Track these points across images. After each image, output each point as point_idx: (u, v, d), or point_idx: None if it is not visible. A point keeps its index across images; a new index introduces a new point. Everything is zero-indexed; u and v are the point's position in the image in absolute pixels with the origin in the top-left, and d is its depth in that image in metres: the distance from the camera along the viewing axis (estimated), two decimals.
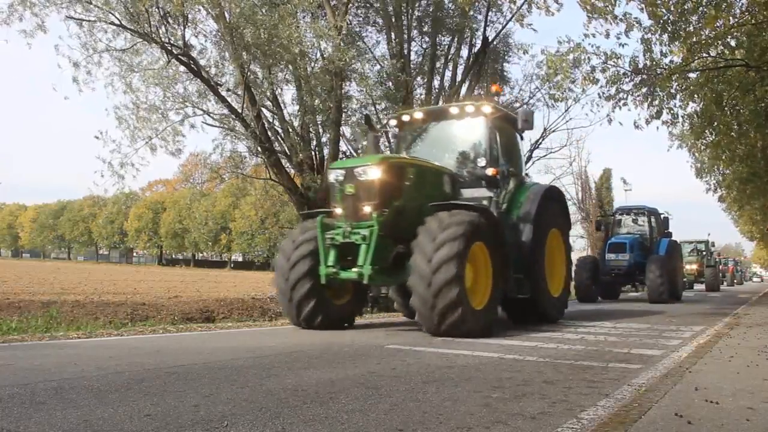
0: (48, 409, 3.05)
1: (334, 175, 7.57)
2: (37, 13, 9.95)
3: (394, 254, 7.18)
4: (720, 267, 45.14)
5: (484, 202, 8.10)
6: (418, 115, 8.98)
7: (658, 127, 12.64)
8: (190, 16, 10.93)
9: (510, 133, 9.10)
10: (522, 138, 9.83)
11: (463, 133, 8.82)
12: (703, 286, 30.43)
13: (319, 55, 11.70)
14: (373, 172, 7.18)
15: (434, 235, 6.61)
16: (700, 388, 3.78)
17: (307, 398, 3.46)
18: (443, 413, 3.18)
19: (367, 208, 7.11)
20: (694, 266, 30.73)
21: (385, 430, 2.84)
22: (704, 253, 32.27)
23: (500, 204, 8.41)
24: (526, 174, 9.99)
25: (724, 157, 18.15)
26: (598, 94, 12.59)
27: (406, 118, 9.02)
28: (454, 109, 8.65)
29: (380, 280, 7.34)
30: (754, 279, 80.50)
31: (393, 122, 9.26)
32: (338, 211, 7.44)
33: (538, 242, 8.66)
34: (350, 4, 12.30)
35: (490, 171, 8.12)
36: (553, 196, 9.43)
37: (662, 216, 19.29)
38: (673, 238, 19.13)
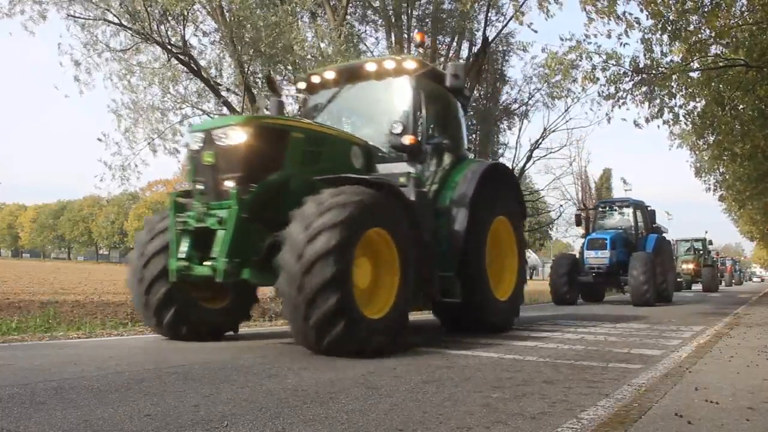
0: (48, 409, 3.05)
1: (191, 141, 5.86)
2: (40, 2, 9.99)
3: (268, 245, 5.35)
4: (719, 266, 45.00)
5: (401, 180, 6.39)
6: (330, 75, 7.32)
7: (659, 126, 12.66)
8: (189, 15, 10.93)
9: (443, 97, 7.51)
10: (466, 108, 8.26)
11: (383, 95, 7.21)
12: (701, 287, 29.62)
13: (318, 53, 11.69)
14: (237, 136, 5.56)
15: (309, 221, 4.94)
16: (700, 388, 3.78)
17: (307, 398, 3.46)
18: (443, 413, 3.18)
19: (229, 183, 5.50)
20: (691, 266, 29.95)
21: (385, 430, 2.84)
22: (701, 251, 31.34)
23: (423, 182, 6.72)
24: (470, 149, 8.41)
25: (724, 157, 18.16)
26: (598, 92, 12.62)
27: (316, 79, 7.42)
28: (371, 66, 7.03)
29: (249, 279, 5.51)
30: (754, 279, 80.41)
31: (302, 85, 7.63)
32: (198, 187, 5.75)
33: (475, 232, 6.95)
34: (350, 4, 12.30)
35: (407, 139, 6.42)
36: (498, 176, 7.67)
37: (649, 209, 17.76)
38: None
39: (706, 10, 10.37)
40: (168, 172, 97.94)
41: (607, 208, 18.77)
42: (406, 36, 13.96)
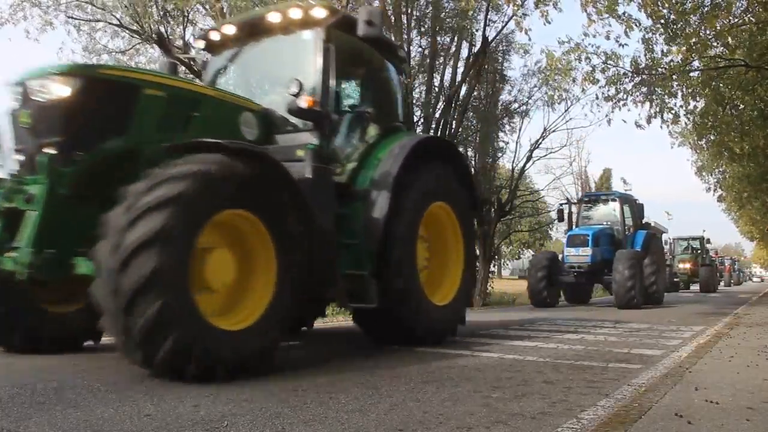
0: (48, 409, 3.05)
1: (10, 97, 4.63)
2: (41, 7, 9.99)
3: None
4: (718, 266, 44.54)
5: (299, 153, 5.14)
6: (230, 30, 6.08)
7: (661, 126, 12.66)
8: (189, 15, 10.94)
9: (366, 55, 6.26)
10: (401, 70, 7.03)
11: (289, 52, 5.96)
12: (699, 286, 28.46)
13: None
14: (58, 89, 4.36)
15: (133, 200, 3.72)
16: (700, 388, 3.78)
17: (307, 398, 3.46)
18: (443, 413, 3.18)
19: (48, 151, 4.30)
20: (688, 265, 28.65)
21: (385, 430, 2.84)
22: (699, 251, 30.03)
23: (327, 156, 5.38)
24: (402, 123, 6.88)
25: (725, 157, 18.16)
26: (596, 95, 12.62)
27: (215, 36, 6.19)
28: (274, 17, 5.77)
29: (90, 274, 3.96)
30: (754, 279, 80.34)
31: (200, 44, 6.42)
32: (16, 157, 4.57)
33: (401, 221, 5.58)
34: (349, 5, 12.29)
35: (303, 101, 5.09)
36: (436, 152, 6.31)
37: (638, 203, 16.46)
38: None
39: (705, 10, 10.38)
40: None
41: (592, 202, 17.16)
42: (405, 36, 13.97)
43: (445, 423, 2.98)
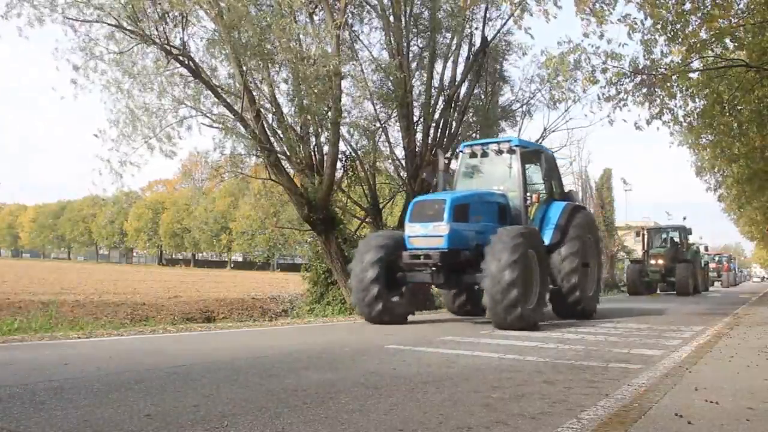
0: (48, 409, 3.05)
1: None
2: (37, 6, 9.92)
3: None
4: (714, 265, 40.78)
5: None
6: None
7: (658, 128, 12.66)
8: (189, 16, 10.92)
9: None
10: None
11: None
12: (676, 288, 22.55)
13: (315, 52, 11.70)
14: None
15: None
16: (700, 388, 3.78)
17: (307, 398, 3.46)
18: (443, 413, 3.18)
19: None
20: (660, 261, 23.16)
21: (385, 430, 2.85)
22: (678, 244, 24.53)
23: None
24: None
25: (724, 158, 18.16)
26: (598, 95, 12.61)
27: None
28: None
29: None
30: (754, 279, 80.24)
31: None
32: None
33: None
34: (348, 6, 12.30)
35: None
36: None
37: (552, 157, 10.81)
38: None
39: (705, 11, 10.38)
40: (168, 172, 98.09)
41: (476, 156, 10.34)
42: (404, 36, 13.96)
43: (445, 423, 2.98)
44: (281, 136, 12.56)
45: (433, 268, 8.49)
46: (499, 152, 9.97)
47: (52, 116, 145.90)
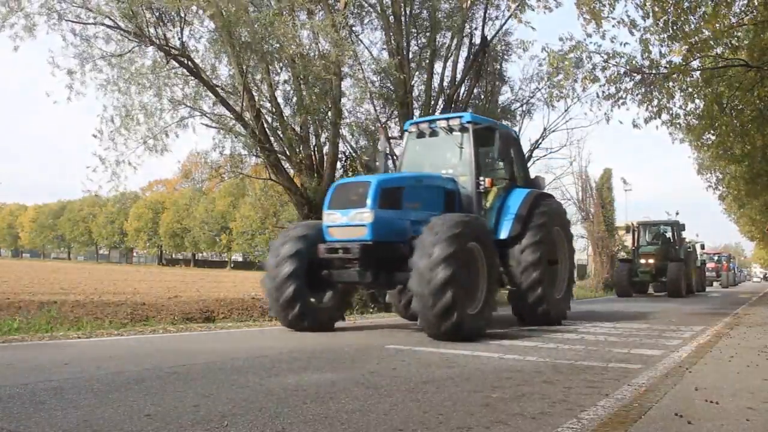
0: (48, 409, 3.05)
1: None
2: (30, 15, 9.89)
3: None
4: (713, 264, 39.69)
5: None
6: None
7: (657, 127, 12.67)
8: (187, 16, 10.90)
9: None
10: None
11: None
12: (666, 288, 20.93)
13: (316, 53, 11.69)
14: None
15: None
16: (700, 388, 3.78)
17: (307, 398, 3.46)
18: (443, 413, 3.18)
19: None
20: (651, 260, 21.33)
21: (385, 430, 2.84)
22: (672, 240, 22.84)
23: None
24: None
25: (724, 157, 18.15)
26: (597, 94, 12.60)
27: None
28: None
29: None
30: (754, 279, 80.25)
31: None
32: None
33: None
34: (348, 5, 12.30)
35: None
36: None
37: (513, 137, 9.34)
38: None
39: (704, 10, 10.38)
40: (168, 172, 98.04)
41: (427, 134, 8.74)
42: (404, 35, 13.96)
43: (445, 423, 2.98)
44: (281, 136, 12.56)
45: (358, 265, 7.05)
46: (450, 130, 8.45)
47: (51, 116, 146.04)
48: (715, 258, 42.35)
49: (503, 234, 8.25)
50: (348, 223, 7.12)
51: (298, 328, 7.24)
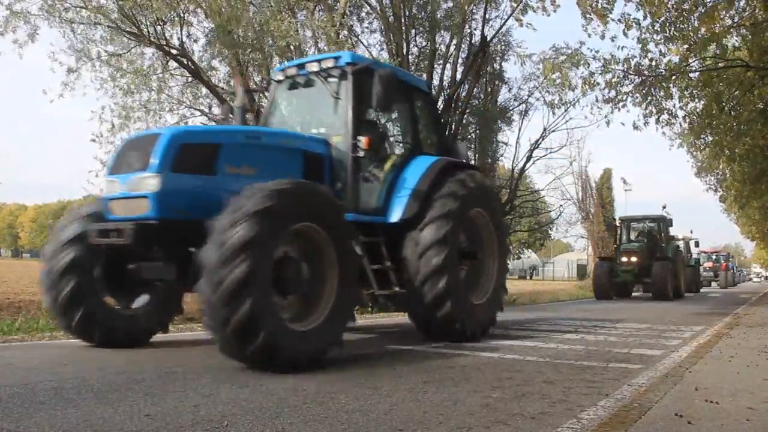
0: (48, 409, 3.05)
1: None
2: (31, 17, 9.90)
3: None
4: (711, 264, 38.23)
5: None
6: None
7: (657, 128, 12.68)
8: (186, 16, 10.91)
9: None
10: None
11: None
12: (651, 290, 18.74)
13: (316, 52, 11.68)
14: None
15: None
16: (700, 388, 3.78)
17: (307, 398, 3.46)
18: (443, 413, 3.18)
19: None
20: (634, 258, 19.01)
21: (385, 430, 2.84)
22: (658, 237, 20.58)
23: None
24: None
25: (724, 157, 18.15)
26: (596, 97, 12.63)
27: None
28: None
29: None
30: (754, 279, 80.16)
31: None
32: None
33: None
34: (348, 5, 12.29)
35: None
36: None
37: (429, 96, 7.55)
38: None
39: (703, 10, 10.39)
40: None
41: (300, 83, 6.70)
42: (404, 36, 13.96)
43: (445, 423, 2.98)
44: None
45: (139, 255, 4.96)
46: (327, 77, 6.26)
47: (51, 116, 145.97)
48: (713, 257, 40.63)
49: (395, 216, 6.14)
50: (126, 194, 4.91)
51: (86, 338, 5.38)
